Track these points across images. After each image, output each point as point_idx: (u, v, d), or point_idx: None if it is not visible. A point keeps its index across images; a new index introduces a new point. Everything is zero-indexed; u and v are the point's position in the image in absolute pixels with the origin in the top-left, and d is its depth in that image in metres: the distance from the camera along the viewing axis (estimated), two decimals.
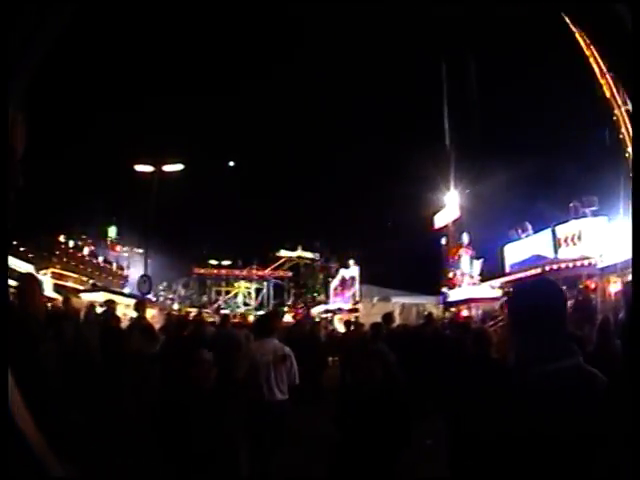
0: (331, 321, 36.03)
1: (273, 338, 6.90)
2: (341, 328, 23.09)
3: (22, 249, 41.52)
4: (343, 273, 37.23)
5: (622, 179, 20.76)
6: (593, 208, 24.49)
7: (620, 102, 22.06)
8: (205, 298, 69.22)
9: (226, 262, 70.29)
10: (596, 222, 23.60)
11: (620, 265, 16.20)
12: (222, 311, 34.86)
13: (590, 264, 19.20)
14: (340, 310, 38.36)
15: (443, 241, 36.70)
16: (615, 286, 16.74)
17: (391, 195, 38.42)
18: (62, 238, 54.65)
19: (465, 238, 34.66)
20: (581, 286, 18.40)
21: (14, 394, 1.92)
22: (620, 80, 22.86)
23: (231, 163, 57.07)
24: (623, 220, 21.04)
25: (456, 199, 38.48)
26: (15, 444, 1.82)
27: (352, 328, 16.25)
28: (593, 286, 17.99)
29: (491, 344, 5.74)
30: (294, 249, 69.45)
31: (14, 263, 25.80)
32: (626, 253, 15.93)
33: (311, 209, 55.19)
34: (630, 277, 12.63)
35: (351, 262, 33.65)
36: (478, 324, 18.89)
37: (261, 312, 35.51)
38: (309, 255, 70.70)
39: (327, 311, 44.34)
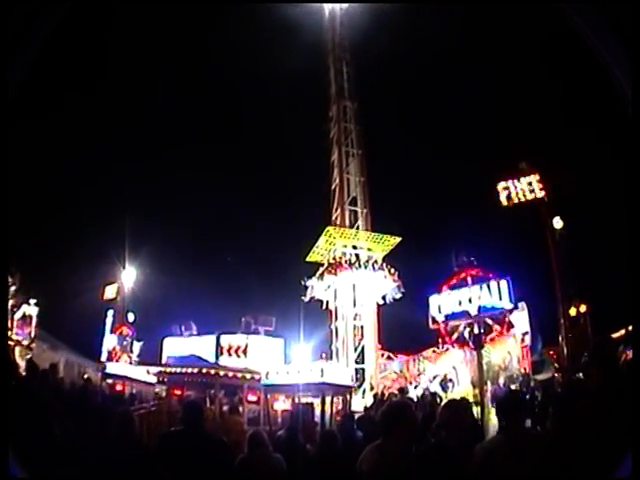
0: None
1: None
2: None
3: None
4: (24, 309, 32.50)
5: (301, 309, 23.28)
6: (268, 328, 26.38)
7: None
8: None
9: None
10: (266, 340, 25.39)
11: (287, 387, 16.96)
12: None
13: (253, 378, 19.80)
14: None
15: (110, 312, 35.02)
16: (283, 404, 17.69)
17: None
18: None
19: (130, 317, 34.18)
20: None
21: None
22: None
23: None
24: (299, 346, 23.44)
25: (132, 277, 38.19)
26: None
27: None
28: (255, 399, 18.57)
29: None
30: None
31: None
32: (294, 377, 17.00)
33: None
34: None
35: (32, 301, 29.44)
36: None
37: None
38: None
39: None
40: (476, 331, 23.06)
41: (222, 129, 51.50)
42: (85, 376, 21.05)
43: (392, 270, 29.79)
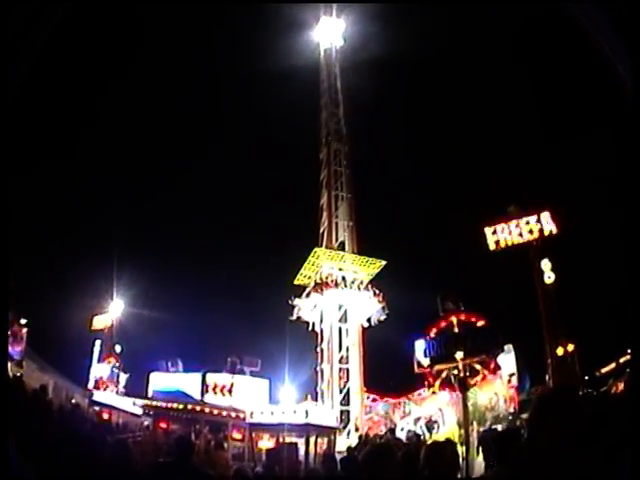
0: None
1: None
2: None
3: None
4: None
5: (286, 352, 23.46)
6: (254, 368, 26.66)
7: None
8: None
9: None
10: (252, 381, 25.57)
11: (272, 426, 17.03)
12: None
13: (238, 416, 19.83)
14: None
15: (98, 342, 35.04)
16: (268, 443, 17.68)
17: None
18: None
19: (117, 348, 34.24)
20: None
21: None
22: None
23: None
24: (286, 389, 23.58)
25: (120, 309, 38.28)
26: None
27: None
28: (240, 436, 18.60)
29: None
30: None
31: None
32: (278, 417, 17.06)
33: None
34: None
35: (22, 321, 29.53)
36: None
37: None
38: None
39: None
40: (462, 374, 23.20)
41: (209, 161, 51.74)
42: (73, 401, 21.31)
43: (377, 291, 30.03)
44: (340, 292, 29.55)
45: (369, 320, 30.27)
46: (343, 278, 30.32)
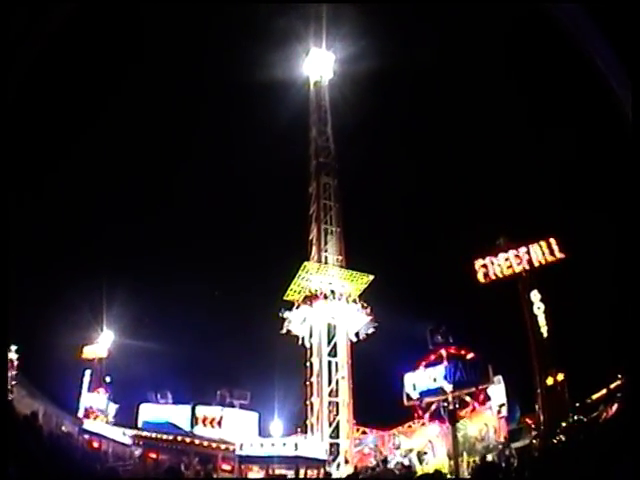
0: None
1: None
2: None
3: None
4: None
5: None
6: (243, 401, 26.84)
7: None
8: None
9: None
10: (241, 413, 25.79)
11: (261, 458, 17.14)
12: None
13: (228, 449, 19.91)
14: None
15: (88, 372, 34.95)
16: (257, 475, 17.76)
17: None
18: None
19: (107, 379, 34.25)
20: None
21: None
22: None
23: None
24: (275, 422, 23.71)
25: (110, 340, 38.26)
26: None
27: None
28: (229, 468, 18.69)
29: None
30: None
31: None
32: (268, 450, 17.15)
33: None
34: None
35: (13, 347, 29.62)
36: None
37: None
38: None
39: None
40: (451, 407, 23.41)
41: (196, 196, 51.15)
42: (63, 428, 21.40)
43: (365, 304, 30.10)
44: (329, 304, 29.55)
45: (357, 335, 30.25)
46: (332, 292, 30.37)
